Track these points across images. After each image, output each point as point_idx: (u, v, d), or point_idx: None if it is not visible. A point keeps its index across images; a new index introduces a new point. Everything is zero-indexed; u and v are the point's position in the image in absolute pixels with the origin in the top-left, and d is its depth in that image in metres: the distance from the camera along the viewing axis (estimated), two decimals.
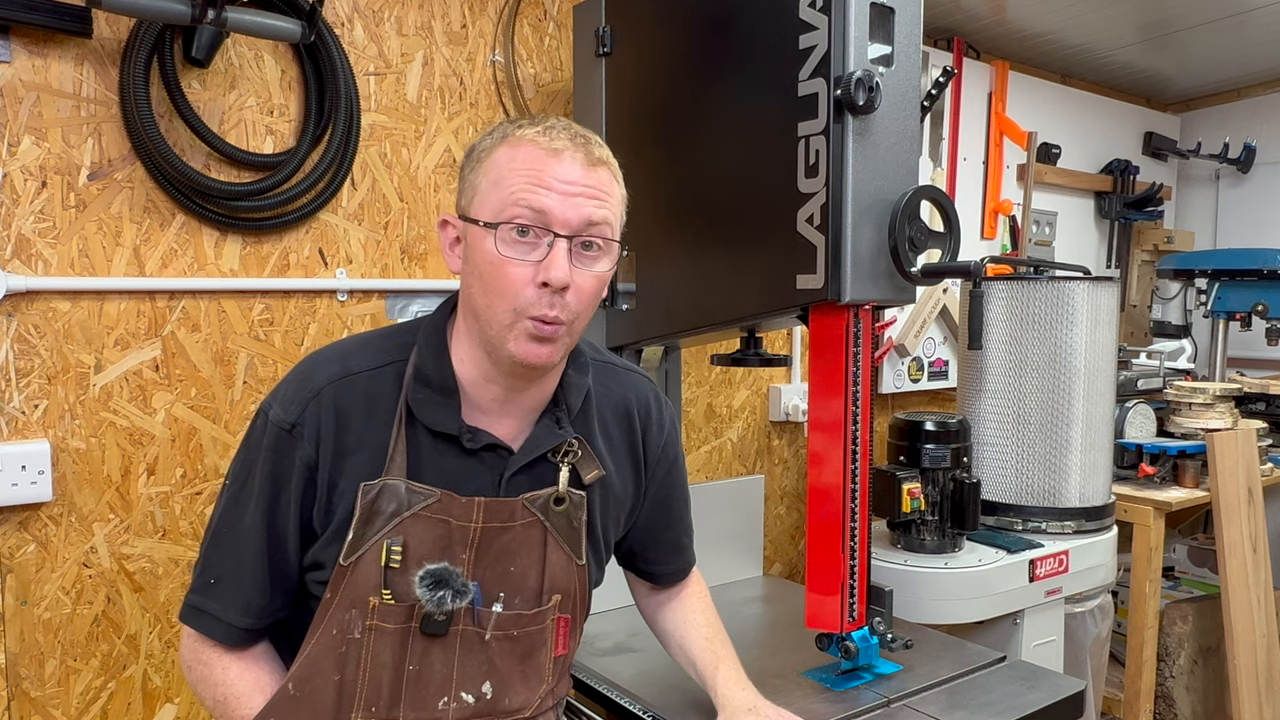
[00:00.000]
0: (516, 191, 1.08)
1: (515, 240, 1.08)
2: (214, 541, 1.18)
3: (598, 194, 1.10)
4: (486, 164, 1.12)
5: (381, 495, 1.11)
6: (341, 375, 1.16)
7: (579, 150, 1.10)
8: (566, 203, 1.08)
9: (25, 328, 1.58)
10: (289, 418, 1.13)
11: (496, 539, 1.16)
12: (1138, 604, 2.49)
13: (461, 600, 1.13)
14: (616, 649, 1.76)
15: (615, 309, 1.86)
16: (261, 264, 1.80)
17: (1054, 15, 2.74)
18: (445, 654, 1.14)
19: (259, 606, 1.16)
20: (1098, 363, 2.22)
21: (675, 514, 1.44)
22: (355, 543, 1.11)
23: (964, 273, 1.44)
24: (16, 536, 1.59)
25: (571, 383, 1.24)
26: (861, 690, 1.54)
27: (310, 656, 1.12)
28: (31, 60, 1.56)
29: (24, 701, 1.60)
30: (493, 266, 1.08)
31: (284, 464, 1.14)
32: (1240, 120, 3.53)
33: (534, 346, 1.10)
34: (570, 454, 1.21)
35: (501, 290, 1.08)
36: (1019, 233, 3.08)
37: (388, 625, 1.12)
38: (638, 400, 1.35)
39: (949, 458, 2.03)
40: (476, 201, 1.12)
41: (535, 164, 1.08)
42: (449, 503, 1.14)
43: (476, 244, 1.11)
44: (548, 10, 2.14)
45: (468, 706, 1.16)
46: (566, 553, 1.21)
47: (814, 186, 1.40)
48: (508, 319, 1.09)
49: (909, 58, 1.44)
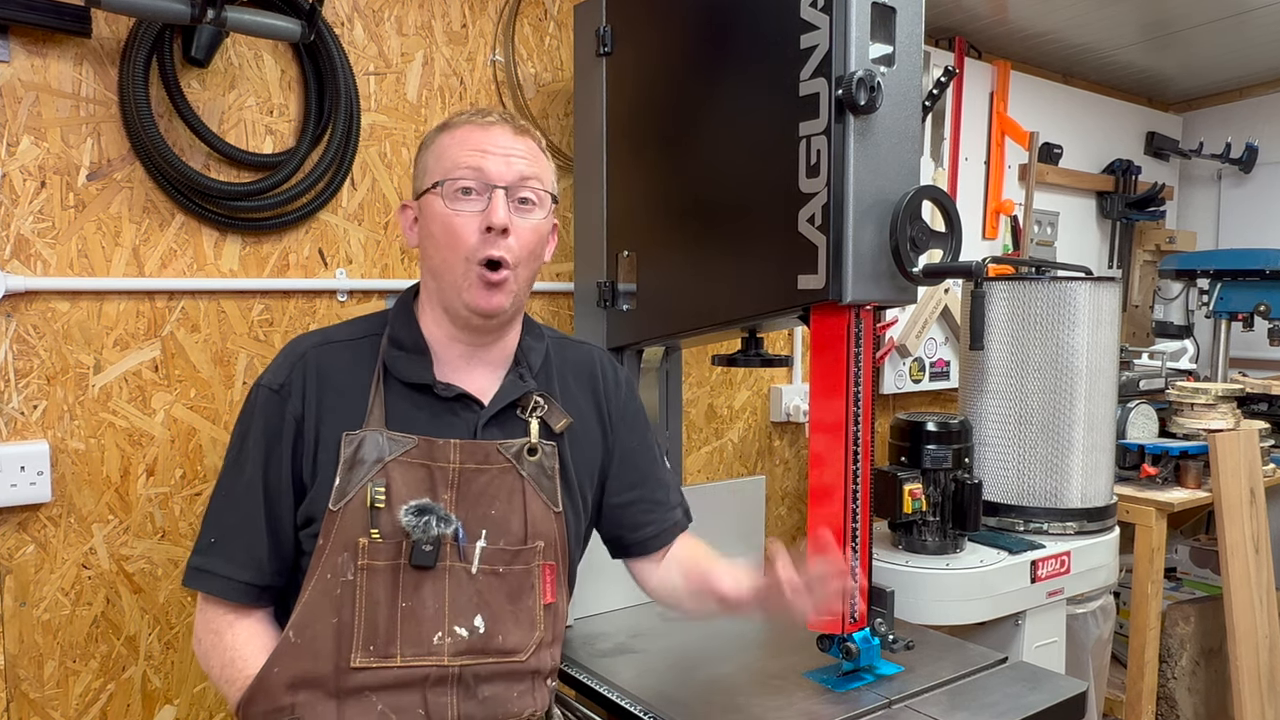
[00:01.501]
0: (458, 157, 1.25)
1: (460, 197, 1.24)
2: (213, 505, 1.28)
3: (527, 155, 1.28)
4: (432, 148, 1.29)
5: (363, 445, 1.21)
6: (323, 342, 1.31)
7: (508, 123, 1.29)
8: (501, 161, 1.25)
9: (24, 328, 1.58)
10: (278, 380, 1.26)
11: (475, 480, 1.25)
12: (1140, 605, 2.49)
13: (446, 526, 1.21)
14: (617, 650, 1.76)
15: (616, 309, 1.86)
16: (261, 264, 1.80)
17: (1055, 15, 2.74)
18: (436, 588, 1.21)
19: (259, 560, 1.23)
20: (1100, 363, 2.21)
21: (644, 470, 1.48)
22: (342, 488, 1.20)
23: (965, 273, 1.44)
24: (15, 537, 1.58)
25: (530, 346, 1.37)
26: (863, 691, 1.53)
27: (307, 603, 1.19)
28: (30, 60, 1.55)
29: (23, 703, 1.60)
30: (443, 221, 1.23)
31: (275, 421, 1.25)
32: (1242, 120, 3.52)
33: (486, 293, 1.23)
34: (536, 408, 1.32)
35: (452, 242, 1.23)
36: (1020, 233, 3.07)
37: (378, 563, 1.19)
38: (597, 361, 1.48)
39: (950, 458, 2.03)
40: (425, 178, 1.28)
41: (471, 135, 1.26)
42: (427, 447, 1.24)
43: (428, 210, 1.26)
44: (548, 10, 2.13)
45: (462, 641, 1.22)
46: (544, 500, 1.30)
47: (815, 186, 1.39)
48: (460, 268, 1.23)
49: (910, 57, 1.44)
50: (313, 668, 1.17)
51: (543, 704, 1.29)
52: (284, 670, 1.18)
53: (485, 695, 1.22)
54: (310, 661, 1.17)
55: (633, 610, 1.94)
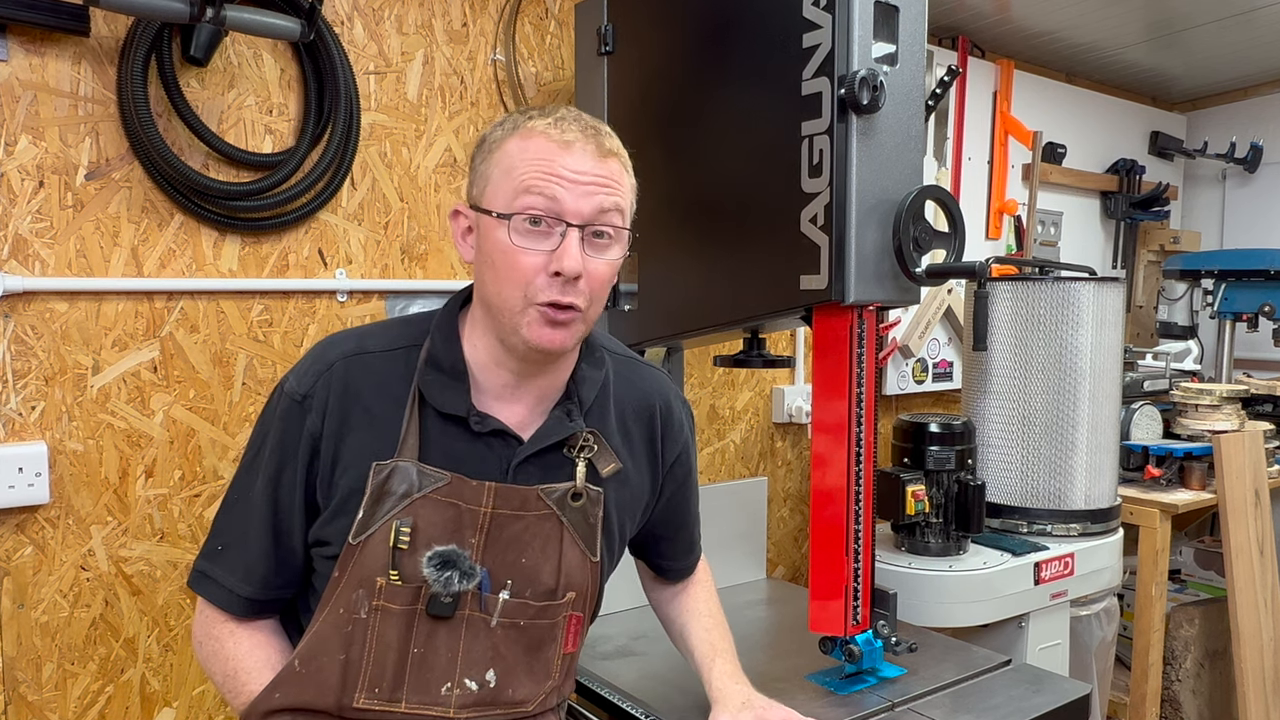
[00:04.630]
0: (529, 182, 1.09)
1: (528, 230, 1.09)
2: (225, 508, 1.21)
3: (609, 183, 1.12)
4: (498, 154, 1.13)
5: (393, 476, 1.12)
6: (356, 352, 1.19)
7: (589, 142, 1.12)
8: (578, 193, 1.10)
9: (22, 329, 1.57)
10: (301, 389, 1.16)
11: (508, 527, 1.16)
12: (1144, 607, 2.48)
13: (469, 583, 1.13)
14: (619, 652, 1.75)
15: (617, 309, 1.85)
16: (260, 264, 1.79)
17: (1059, 14, 2.73)
18: (450, 638, 1.15)
19: (262, 576, 1.18)
20: (1103, 364, 2.20)
21: (689, 514, 1.45)
22: (365, 522, 1.12)
23: (969, 273, 1.43)
24: (13, 539, 1.57)
25: (585, 376, 1.24)
26: (865, 694, 1.53)
27: (317, 634, 1.14)
28: (29, 59, 1.55)
29: (21, 705, 1.59)
30: (505, 255, 1.10)
31: (291, 435, 1.16)
32: (1247, 119, 3.51)
33: (547, 331, 1.11)
34: (586, 448, 1.21)
35: (513, 278, 1.10)
36: (1024, 233, 3.06)
37: (394, 606, 1.12)
38: (659, 398, 1.35)
39: (953, 460, 2.02)
40: (489, 191, 1.13)
41: (547, 155, 1.10)
42: (459, 486, 1.14)
43: (489, 233, 1.12)
44: (549, 8, 2.12)
45: (471, 694, 1.16)
46: (582, 549, 1.21)
47: (818, 186, 1.38)
48: (519, 305, 1.10)
49: (913, 56, 1.43)
50: (315, 699, 1.13)
51: None
52: (285, 697, 1.13)
53: None
54: (313, 693, 1.13)
55: (635, 613, 1.93)
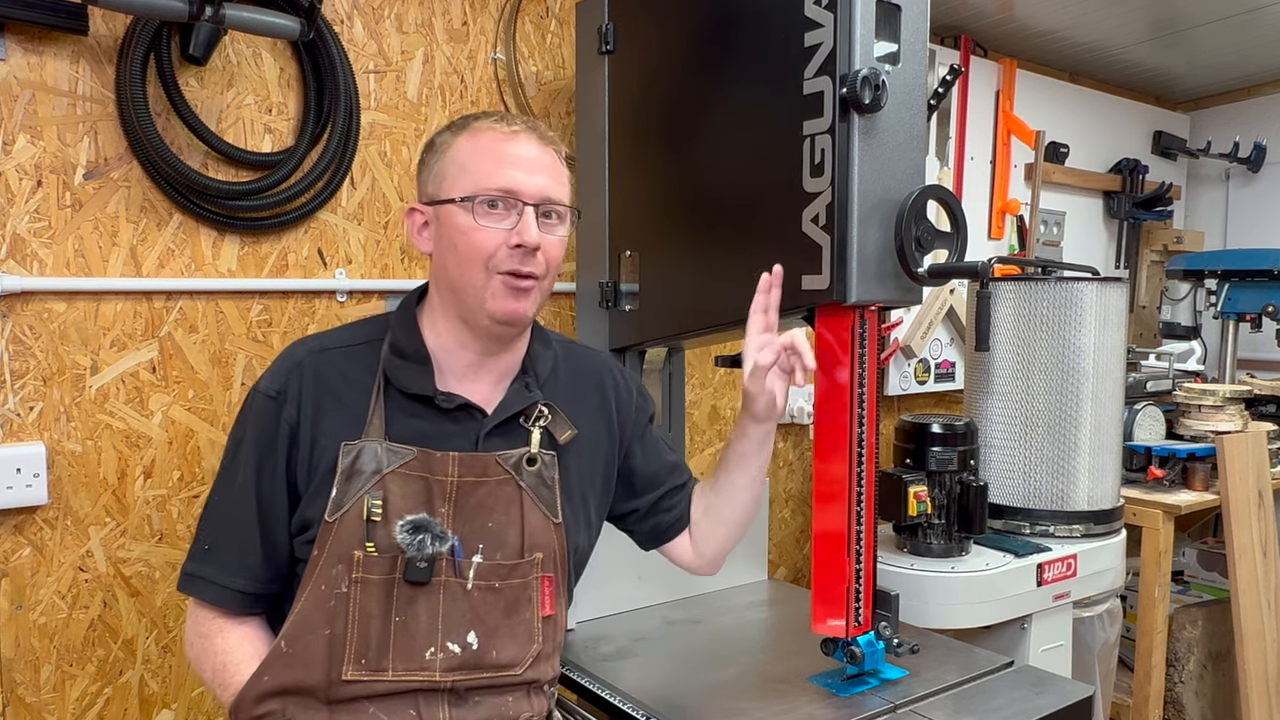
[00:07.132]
0: (486, 170, 1.21)
1: (488, 212, 1.21)
2: (208, 509, 1.27)
3: (552, 170, 1.26)
4: (451, 152, 1.25)
5: (361, 455, 1.20)
6: (321, 348, 1.28)
7: (532, 133, 1.26)
8: (529, 177, 1.22)
9: (20, 329, 1.56)
10: (275, 385, 1.24)
11: (473, 493, 1.23)
12: (1147, 608, 2.47)
13: (441, 545, 1.19)
14: (619, 654, 1.74)
15: (618, 310, 1.84)
16: (260, 264, 1.78)
17: (1062, 13, 2.72)
18: (430, 603, 1.20)
19: (252, 567, 1.22)
20: (1106, 364, 2.19)
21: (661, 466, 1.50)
22: (339, 499, 1.18)
23: (971, 273, 1.42)
24: (11, 540, 1.57)
25: (538, 353, 1.36)
26: (867, 695, 1.52)
27: (300, 613, 1.18)
28: (27, 58, 1.54)
29: (19, 707, 1.58)
30: (466, 235, 1.21)
31: (270, 428, 1.23)
32: (1250, 119, 3.50)
33: (510, 301, 1.22)
34: (541, 417, 1.30)
35: (476, 255, 1.21)
36: (1027, 233, 3.06)
37: (372, 576, 1.18)
38: (605, 369, 1.47)
39: (956, 460, 2.01)
40: (446, 185, 1.24)
41: (498, 145, 1.23)
42: (426, 459, 1.22)
43: (449, 220, 1.23)
44: (550, 7, 2.12)
45: (454, 657, 1.21)
46: (543, 511, 1.28)
47: (819, 186, 1.38)
48: (482, 279, 1.21)
49: (915, 55, 1.42)
50: (303, 677, 1.17)
51: (540, 710, 1.28)
52: (274, 678, 1.17)
53: (478, 701, 1.22)
54: (301, 671, 1.17)
55: (635, 614, 1.92)
